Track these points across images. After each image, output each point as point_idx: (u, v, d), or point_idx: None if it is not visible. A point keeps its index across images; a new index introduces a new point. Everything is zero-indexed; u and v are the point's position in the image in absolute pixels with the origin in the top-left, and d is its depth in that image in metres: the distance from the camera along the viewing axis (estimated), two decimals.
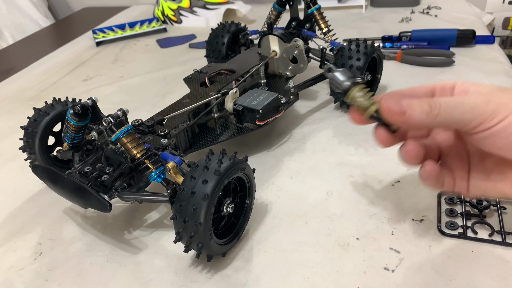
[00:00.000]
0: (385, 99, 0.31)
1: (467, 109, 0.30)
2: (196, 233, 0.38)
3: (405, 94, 0.34)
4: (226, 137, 0.57)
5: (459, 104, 0.30)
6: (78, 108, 0.45)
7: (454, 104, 0.30)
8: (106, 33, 1.17)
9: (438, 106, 0.30)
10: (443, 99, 0.31)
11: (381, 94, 0.33)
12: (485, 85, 0.33)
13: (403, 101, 0.31)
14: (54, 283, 0.43)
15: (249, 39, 0.78)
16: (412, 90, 0.36)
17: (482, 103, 0.30)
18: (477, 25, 0.98)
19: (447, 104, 0.30)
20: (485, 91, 0.32)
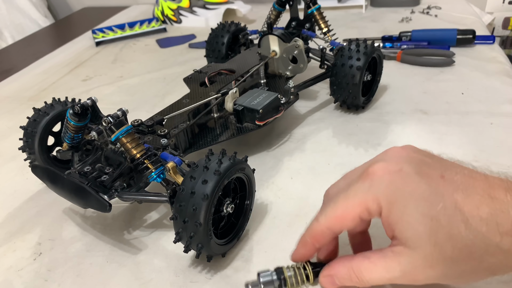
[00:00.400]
0: (322, 284, 0.36)
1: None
2: (196, 233, 0.38)
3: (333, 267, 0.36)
4: (226, 137, 0.57)
5: (388, 281, 0.33)
6: (77, 108, 0.45)
7: (382, 282, 0.33)
8: (105, 33, 1.17)
9: (368, 284, 0.33)
10: (370, 279, 0.33)
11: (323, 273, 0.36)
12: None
13: (336, 281, 0.35)
14: (54, 283, 0.43)
15: (249, 39, 0.78)
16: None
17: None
18: (477, 25, 0.98)
19: (375, 282, 0.33)
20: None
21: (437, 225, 0.30)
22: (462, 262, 0.30)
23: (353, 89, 0.63)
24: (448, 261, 0.30)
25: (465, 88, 0.71)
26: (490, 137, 0.58)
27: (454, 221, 0.29)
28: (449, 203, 0.30)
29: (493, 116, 0.63)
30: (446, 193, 0.30)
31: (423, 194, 0.31)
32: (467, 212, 0.30)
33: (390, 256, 0.32)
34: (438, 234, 0.30)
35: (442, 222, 0.30)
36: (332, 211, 0.35)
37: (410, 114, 0.66)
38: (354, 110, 0.68)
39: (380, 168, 0.33)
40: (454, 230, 0.29)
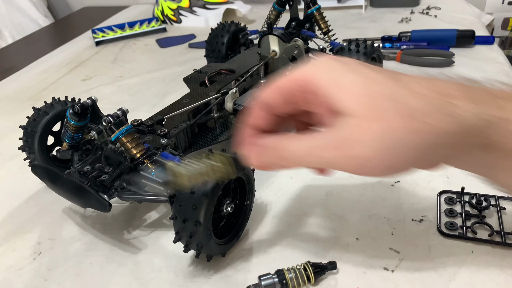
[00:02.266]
0: (247, 154, 0.32)
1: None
2: (195, 233, 0.38)
3: (256, 129, 0.33)
4: (226, 137, 0.57)
5: (313, 153, 0.29)
6: (77, 107, 0.45)
7: (306, 153, 0.29)
8: (105, 32, 1.17)
9: (290, 157, 0.30)
10: (295, 146, 0.30)
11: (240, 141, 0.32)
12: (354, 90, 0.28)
13: (262, 156, 0.31)
14: (54, 283, 0.43)
15: (248, 39, 0.78)
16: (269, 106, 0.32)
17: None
18: (477, 25, 0.98)
19: (298, 152, 0.30)
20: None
21: (374, 88, 0.27)
22: (402, 128, 0.26)
23: None
24: (388, 122, 0.26)
25: None
26: None
27: (396, 88, 0.27)
28: (389, 77, 0.28)
29: None
30: (385, 73, 0.28)
31: (361, 70, 0.28)
32: (405, 82, 0.27)
33: (328, 129, 0.29)
34: (376, 97, 0.27)
35: (381, 87, 0.27)
36: (268, 87, 0.31)
37: None
38: None
39: (327, 56, 0.30)
40: (396, 93, 0.27)
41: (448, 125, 0.26)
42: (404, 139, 0.26)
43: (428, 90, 0.27)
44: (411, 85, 0.27)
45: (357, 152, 0.27)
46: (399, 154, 0.27)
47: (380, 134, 0.27)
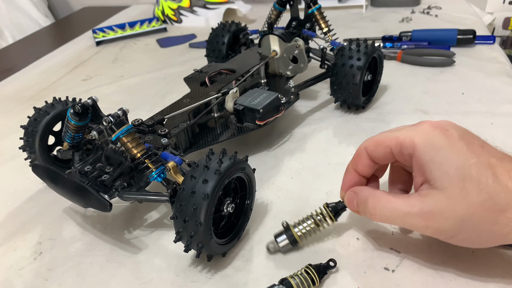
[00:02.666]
0: (346, 198, 0.41)
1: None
2: (196, 233, 0.38)
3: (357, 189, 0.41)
4: (227, 136, 0.57)
5: (402, 218, 0.35)
6: (78, 107, 0.45)
7: (395, 216, 0.36)
8: (106, 32, 1.17)
9: (378, 215, 0.37)
10: (384, 208, 0.36)
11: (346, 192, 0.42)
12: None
13: (355, 202, 0.39)
14: (54, 283, 0.43)
15: (249, 39, 0.78)
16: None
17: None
18: (478, 25, 0.98)
19: (385, 213, 0.36)
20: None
21: (468, 172, 0.32)
22: (484, 210, 0.31)
23: (353, 89, 0.63)
24: (471, 206, 0.32)
25: (465, 88, 0.71)
26: (491, 137, 0.58)
27: (484, 174, 0.32)
28: (483, 161, 0.32)
29: (493, 116, 0.63)
30: (482, 155, 0.33)
31: (461, 149, 0.33)
32: (498, 170, 0.32)
33: (414, 196, 0.34)
34: (467, 179, 0.32)
35: (473, 172, 0.32)
36: (373, 137, 0.39)
37: (410, 114, 0.66)
38: (354, 110, 0.68)
39: (428, 123, 0.36)
40: (483, 180, 0.31)
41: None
42: (482, 225, 0.32)
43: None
44: (503, 176, 0.32)
45: (442, 226, 0.33)
46: (476, 236, 0.33)
47: (467, 215, 0.32)
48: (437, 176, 0.33)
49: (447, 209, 0.32)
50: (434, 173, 0.33)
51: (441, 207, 0.32)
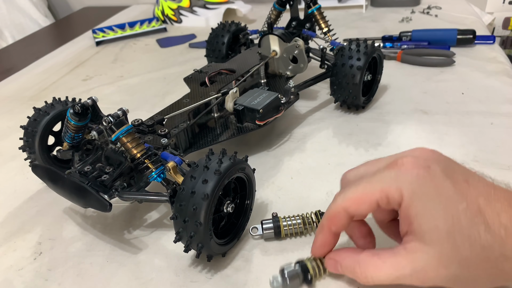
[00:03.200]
0: (327, 260, 0.38)
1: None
2: (196, 233, 0.38)
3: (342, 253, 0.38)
4: (226, 137, 0.57)
5: (397, 281, 0.33)
6: (78, 107, 0.45)
7: (389, 281, 0.33)
8: (106, 32, 1.17)
9: (371, 281, 0.34)
10: (374, 273, 0.34)
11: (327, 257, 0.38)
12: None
13: (339, 268, 0.37)
14: (54, 283, 0.43)
15: (249, 39, 0.78)
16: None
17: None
18: (477, 25, 0.98)
19: (379, 279, 0.33)
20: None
21: (458, 224, 0.30)
22: (477, 265, 0.30)
23: (353, 89, 0.63)
24: (463, 262, 0.30)
25: (465, 88, 0.71)
26: (490, 137, 0.58)
27: (474, 223, 0.30)
28: (471, 206, 0.30)
29: (493, 116, 0.63)
30: (470, 196, 0.31)
31: (448, 193, 0.31)
32: (488, 216, 0.30)
33: (402, 253, 0.32)
34: (457, 233, 0.30)
35: (463, 222, 0.30)
36: (351, 193, 0.34)
37: (410, 114, 0.66)
38: (354, 110, 0.68)
39: (409, 161, 0.33)
40: (474, 231, 0.30)
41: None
42: (480, 276, 0.31)
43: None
44: (495, 223, 0.30)
45: (438, 282, 0.31)
46: (477, 283, 0.32)
47: (462, 271, 0.30)
48: (425, 230, 0.31)
49: (439, 266, 0.31)
50: (423, 227, 0.31)
51: (432, 265, 0.31)
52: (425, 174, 0.32)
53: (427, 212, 0.31)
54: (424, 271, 0.31)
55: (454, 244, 0.30)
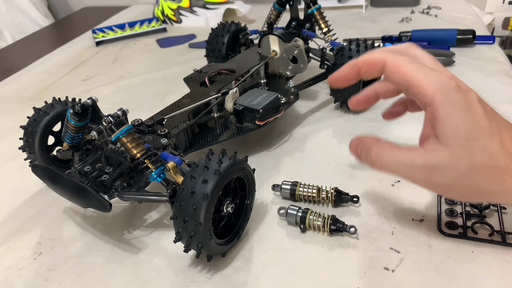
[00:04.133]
0: (350, 144, 0.39)
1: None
2: (196, 233, 0.38)
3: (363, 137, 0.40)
4: (226, 137, 0.57)
5: (404, 168, 0.35)
6: (78, 107, 0.45)
7: (397, 166, 0.36)
8: (105, 32, 1.17)
9: (379, 163, 0.37)
10: (384, 154, 0.36)
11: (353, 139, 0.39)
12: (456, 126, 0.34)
13: (359, 149, 0.39)
14: (54, 283, 0.43)
15: (249, 39, 0.78)
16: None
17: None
18: (477, 25, 0.98)
19: (387, 163, 0.36)
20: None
21: (477, 135, 0.33)
22: (484, 170, 0.33)
23: (353, 88, 0.63)
24: (472, 165, 0.33)
25: None
26: None
27: (491, 138, 0.33)
28: (493, 126, 0.34)
29: None
30: (493, 120, 0.34)
31: (476, 112, 0.34)
32: (504, 136, 0.33)
33: (419, 149, 0.35)
34: (474, 141, 0.33)
35: (482, 135, 0.33)
36: (399, 60, 0.37)
37: (410, 114, 0.66)
38: (354, 110, 0.68)
39: (456, 79, 0.36)
40: (489, 143, 0.33)
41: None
42: (480, 183, 0.33)
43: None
44: (508, 142, 0.33)
45: (441, 182, 0.34)
46: (471, 192, 0.34)
47: (466, 173, 0.33)
48: (448, 132, 0.34)
49: (449, 165, 0.33)
50: (446, 130, 0.34)
51: (443, 164, 0.33)
52: (463, 92, 0.35)
53: (454, 117, 0.34)
54: (433, 167, 0.34)
55: (469, 149, 0.33)
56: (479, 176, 0.33)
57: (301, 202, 0.50)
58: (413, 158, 0.35)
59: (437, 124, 0.34)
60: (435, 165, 0.34)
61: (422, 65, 0.37)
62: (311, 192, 0.49)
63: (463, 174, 0.33)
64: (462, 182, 0.34)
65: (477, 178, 0.33)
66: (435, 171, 0.34)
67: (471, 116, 0.34)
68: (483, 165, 0.33)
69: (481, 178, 0.33)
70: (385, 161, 0.36)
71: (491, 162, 0.33)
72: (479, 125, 0.33)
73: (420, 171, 0.34)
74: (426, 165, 0.34)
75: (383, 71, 0.38)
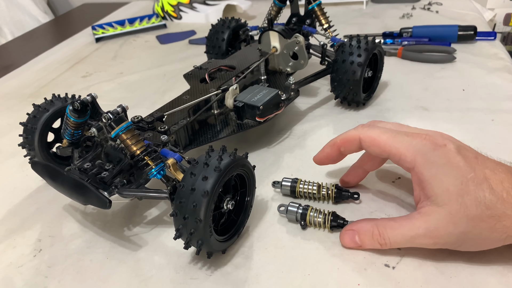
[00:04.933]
0: (343, 239, 0.42)
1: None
2: (196, 230, 0.38)
3: (354, 225, 0.42)
4: (226, 133, 0.56)
5: (411, 240, 0.38)
6: (77, 104, 0.45)
7: (404, 240, 0.38)
8: (105, 29, 1.17)
9: (388, 242, 0.39)
10: (391, 234, 0.39)
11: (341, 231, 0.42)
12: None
13: (356, 238, 0.41)
14: (54, 280, 0.43)
15: (249, 35, 0.77)
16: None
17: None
18: (478, 21, 0.97)
19: (396, 240, 0.39)
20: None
21: (466, 188, 0.35)
22: (483, 222, 0.34)
23: (354, 85, 0.62)
24: (471, 219, 0.34)
25: (466, 85, 0.71)
26: (491, 134, 0.58)
27: (481, 188, 0.35)
28: (479, 175, 0.35)
29: (494, 113, 0.62)
30: (478, 168, 0.36)
31: (458, 164, 0.36)
32: (493, 183, 0.35)
33: (417, 217, 0.37)
34: (465, 195, 0.34)
35: (471, 187, 0.35)
36: (373, 133, 0.40)
37: (411, 110, 0.66)
38: (354, 107, 0.68)
39: (429, 138, 0.38)
40: (480, 194, 0.34)
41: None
42: (482, 234, 0.35)
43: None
44: (498, 187, 0.35)
45: (447, 241, 0.36)
46: (479, 243, 0.37)
47: (468, 227, 0.35)
48: (438, 192, 0.36)
49: (450, 224, 0.35)
50: (436, 190, 0.36)
51: (444, 224, 0.35)
52: (440, 148, 0.37)
53: (439, 177, 0.36)
54: (437, 230, 0.35)
55: (463, 204, 0.34)
56: (480, 228, 0.35)
57: (302, 199, 0.50)
58: (415, 228, 0.37)
59: (425, 186, 0.37)
60: (437, 227, 0.36)
61: (395, 133, 0.39)
62: (312, 189, 0.49)
63: (465, 228, 0.35)
64: (467, 235, 0.35)
65: (479, 230, 0.35)
66: (439, 233, 0.36)
67: (455, 171, 0.35)
68: (480, 216, 0.34)
69: (482, 229, 0.35)
70: (394, 240, 0.38)
71: (487, 212, 0.34)
72: (465, 178, 0.35)
73: (426, 237, 0.36)
74: (429, 230, 0.36)
75: (360, 146, 0.42)
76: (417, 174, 0.37)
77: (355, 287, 0.39)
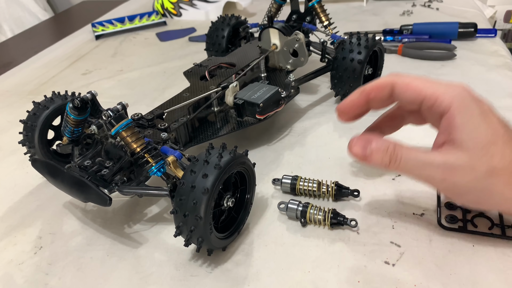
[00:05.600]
0: (353, 144, 0.39)
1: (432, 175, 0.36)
2: (196, 227, 0.38)
3: (372, 136, 0.39)
4: (226, 131, 0.56)
5: (422, 168, 0.36)
6: (77, 102, 0.45)
7: (416, 165, 0.36)
8: (105, 26, 1.16)
9: (398, 162, 0.37)
10: (406, 154, 0.36)
11: (352, 137, 0.40)
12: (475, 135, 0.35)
13: (368, 147, 0.38)
14: (55, 277, 0.43)
15: (249, 32, 0.77)
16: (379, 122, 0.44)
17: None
18: (479, 18, 0.97)
19: (407, 162, 0.36)
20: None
21: (495, 141, 0.34)
22: (501, 175, 0.34)
23: (354, 82, 0.62)
24: (490, 169, 0.34)
25: (466, 82, 0.70)
26: None
27: (508, 146, 0.34)
28: (510, 135, 0.35)
29: None
30: (508, 130, 0.35)
31: (492, 120, 0.35)
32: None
33: (435, 153, 0.36)
34: (493, 146, 0.34)
35: (499, 142, 0.34)
36: (407, 78, 0.38)
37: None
38: None
39: (467, 90, 0.37)
40: (507, 151, 0.34)
41: None
42: (495, 187, 0.34)
43: None
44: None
45: (458, 182, 0.35)
46: (486, 197, 0.35)
47: (484, 175, 0.34)
48: (466, 138, 0.35)
49: (468, 166, 0.34)
50: (464, 136, 0.35)
51: (462, 164, 0.34)
52: (477, 101, 0.36)
53: (471, 125, 0.35)
54: (453, 167, 0.35)
55: (488, 153, 0.34)
56: (496, 180, 0.34)
57: (302, 196, 0.50)
58: (432, 157, 0.35)
59: (454, 131, 0.35)
60: (454, 164, 0.35)
61: (429, 79, 0.38)
62: (312, 186, 0.49)
63: (481, 175, 0.34)
64: (479, 184, 0.35)
65: (493, 181, 0.34)
66: (454, 170, 0.35)
67: (488, 124, 0.35)
68: (501, 169, 0.34)
69: (497, 181, 0.34)
70: (405, 161, 0.36)
71: (510, 167, 0.34)
72: (497, 132, 0.35)
73: (439, 170, 0.35)
74: (446, 163, 0.35)
75: (393, 92, 0.39)
76: (448, 118, 0.36)
77: (355, 284, 0.39)
